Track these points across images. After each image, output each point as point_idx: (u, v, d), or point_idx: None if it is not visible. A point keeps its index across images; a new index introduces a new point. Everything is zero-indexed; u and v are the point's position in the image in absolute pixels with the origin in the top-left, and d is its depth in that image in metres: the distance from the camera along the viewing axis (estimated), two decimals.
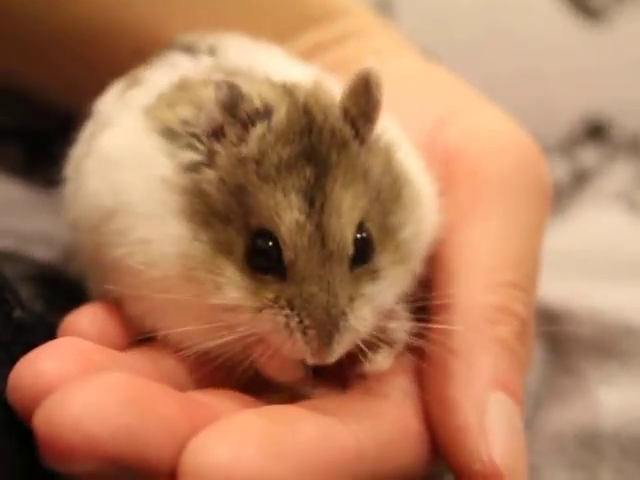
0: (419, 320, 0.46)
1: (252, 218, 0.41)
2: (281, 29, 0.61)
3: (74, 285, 0.48)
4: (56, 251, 0.55)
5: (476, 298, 0.45)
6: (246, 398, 0.43)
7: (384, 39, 0.63)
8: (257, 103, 0.42)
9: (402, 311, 0.47)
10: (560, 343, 0.58)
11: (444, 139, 0.51)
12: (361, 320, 0.42)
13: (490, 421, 0.42)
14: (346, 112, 0.43)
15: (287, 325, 0.41)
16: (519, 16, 0.82)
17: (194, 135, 0.43)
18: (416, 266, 0.46)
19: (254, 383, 0.45)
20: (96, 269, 0.45)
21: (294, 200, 0.41)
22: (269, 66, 0.48)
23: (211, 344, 0.42)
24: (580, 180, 0.79)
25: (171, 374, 0.43)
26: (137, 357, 0.43)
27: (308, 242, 0.41)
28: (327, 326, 0.40)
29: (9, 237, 0.57)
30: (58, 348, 0.39)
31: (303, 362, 0.43)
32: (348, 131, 0.43)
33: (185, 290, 0.42)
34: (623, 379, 0.55)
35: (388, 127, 0.46)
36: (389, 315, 0.45)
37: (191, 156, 0.43)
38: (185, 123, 0.43)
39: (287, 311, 0.41)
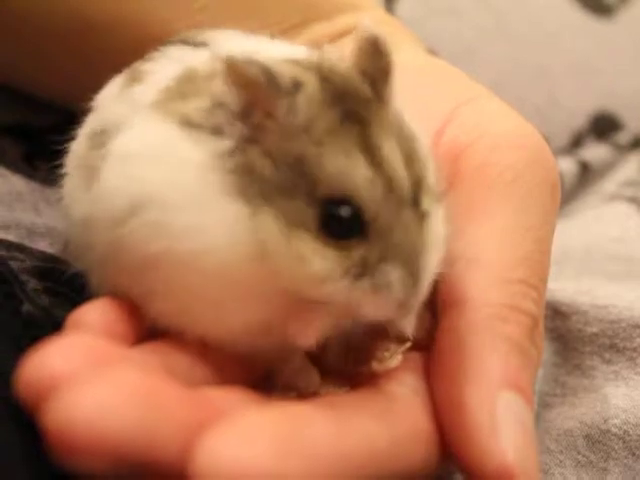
0: (428, 317, 0.46)
1: (319, 187, 0.40)
2: (288, 22, 0.61)
3: (78, 279, 0.48)
4: (60, 244, 0.55)
5: (486, 295, 0.45)
6: (256, 395, 0.43)
7: (392, 33, 0.63)
8: (287, 76, 0.41)
9: None
10: (568, 341, 0.58)
11: (452, 134, 0.51)
12: (435, 258, 0.42)
13: (501, 420, 0.42)
14: (364, 74, 0.43)
15: (387, 282, 0.41)
16: (525, 11, 0.81)
17: (220, 124, 0.42)
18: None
19: (264, 380, 0.45)
20: (113, 269, 0.44)
21: (358, 158, 0.41)
22: (264, 49, 0.47)
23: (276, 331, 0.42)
24: (587, 177, 0.79)
25: (181, 370, 0.42)
26: (146, 353, 0.42)
27: (382, 194, 0.41)
28: (418, 271, 0.41)
29: (14, 230, 0.56)
30: (67, 343, 0.39)
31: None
32: (370, 92, 0.42)
33: (256, 270, 0.41)
34: (632, 377, 0.55)
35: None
36: None
37: (226, 142, 0.41)
38: (204, 113, 0.42)
39: (384, 267, 0.41)
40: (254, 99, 0.41)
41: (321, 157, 0.40)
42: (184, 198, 0.41)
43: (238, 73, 0.41)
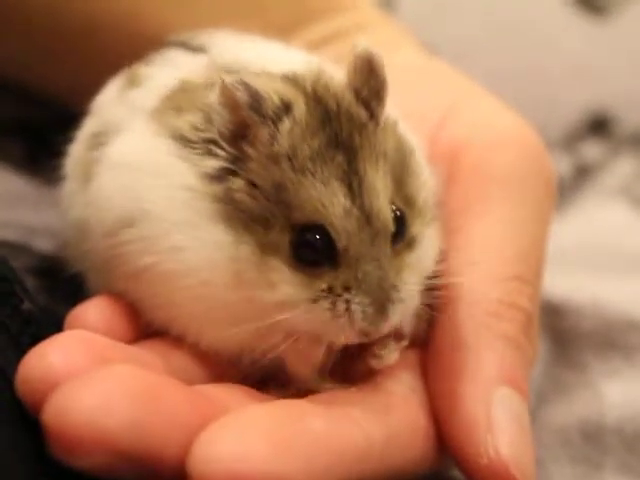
0: (425, 313, 0.47)
1: (295, 213, 0.41)
2: (285, 23, 0.61)
3: (77, 278, 0.48)
4: (60, 243, 0.55)
5: (482, 292, 0.45)
6: (254, 392, 0.43)
7: (387, 33, 0.63)
8: (276, 99, 0.42)
9: None
10: (564, 337, 0.58)
11: (448, 133, 0.51)
12: (410, 289, 0.42)
13: (497, 416, 0.42)
14: (357, 94, 0.43)
15: (347, 308, 0.41)
16: (522, 10, 0.82)
17: (210, 141, 0.43)
18: (437, 222, 0.46)
19: (262, 378, 0.45)
20: (110, 273, 0.45)
21: (336, 187, 0.41)
22: (260, 56, 0.47)
23: (262, 346, 0.42)
24: (583, 175, 0.80)
25: (180, 368, 0.43)
26: (145, 351, 0.43)
27: (357, 225, 0.41)
28: (383, 301, 0.41)
29: (14, 229, 0.56)
30: (67, 340, 0.39)
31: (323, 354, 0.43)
32: (363, 113, 0.43)
33: (231, 294, 0.42)
34: (627, 373, 0.55)
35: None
36: None
37: (213, 164, 0.42)
38: (196, 129, 0.43)
39: (346, 296, 0.41)
40: (241, 123, 0.42)
41: (300, 184, 0.41)
42: (173, 219, 0.42)
43: (228, 95, 0.41)
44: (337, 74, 0.45)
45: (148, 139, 0.44)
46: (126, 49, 0.52)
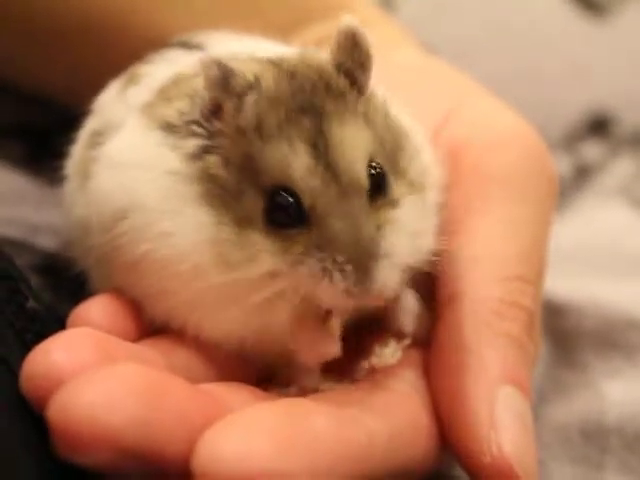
0: (427, 313, 0.47)
1: (263, 178, 0.41)
2: (284, 23, 0.61)
3: (80, 275, 0.48)
4: (62, 241, 0.55)
5: (484, 291, 0.45)
6: (258, 391, 0.43)
7: (386, 32, 0.63)
8: (248, 75, 0.42)
9: (411, 300, 0.47)
10: (564, 337, 0.59)
11: (449, 133, 0.51)
12: (395, 245, 0.41)
13: (499, 415, 0.42)
14: (339, 66, 0.43)
15: (324, 269, 0.40)
16: (521, 10, 0.82)
17: (192, 122, 0.43)
18: (432, 198, 0.46)
19: (266, 376, 0.45)
20: (110, 269, 0.45)
21: (300, 147, 0.41)
22: (255, 51, 0.47)
23: (253, 326, 0.42)
24: (582, 175, 0.80)
25: (183, 366, 0.43)
26: (149, 348, 0.43)
27: (322, 181, 0.41)
28: (361, 257, 0.40)
29: (17, 226, 0.56)
30: (71, 338, 0.39)
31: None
32: (343, 82, 0.43)
33: (219, 276, 0.41)
34: (627, 373, 0.55)
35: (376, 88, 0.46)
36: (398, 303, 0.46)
37: (193, 143, 0.43)
38: (182, 114, 0.44)
39: (319, 255, 0.40)
40: (215, 100, 0.42)
41: (266, 150, 0.41)
42: (161, 206, 0.43)
43: (205, 75, 0.42)
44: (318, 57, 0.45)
45: (139, 134, 0.45)
46: (123, 48, 0.52)
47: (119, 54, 0.51)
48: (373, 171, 0.42)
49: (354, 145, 0.42)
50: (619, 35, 0.82)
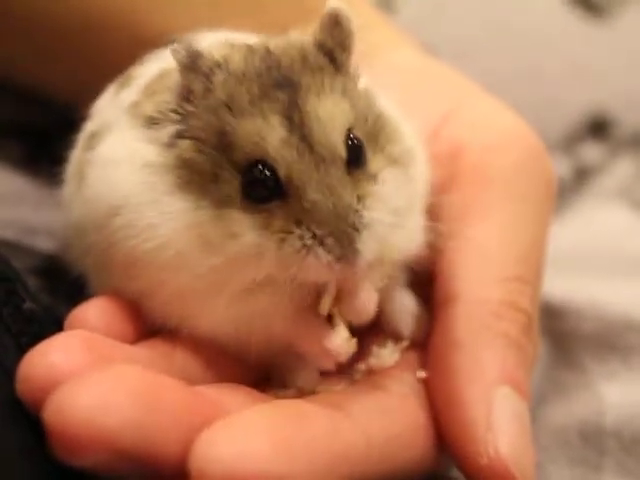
0: (425, 314, 0.47)
1: (238, 155, 0.41)
2: (283, 22, 0.61)
3: (77, 277, 0.48)
4: (61, 244, 0.55)
5: (482, 292, 0.45)
6: (255, 393, 0.43)
7: (385, 33, 0.63)
8: (214, 57, 0.42)
9: (409, 301, 0.47)
10: (563, 339, 0.58)
11: (448, 134, 0.51)
12: (377, 217, 0.41)
13: (497, 416, 0.42)
14: (320, 44, 0.44)
15: (304, 245, 0.40)
16: (520, 11, 0.82)
17: (169, 111, 0.43)
18: (416, 175, 0.45)
19: (263, 378, 0.45)
20: (106, 269, 0.45)
21: (274, 120, 0.41)
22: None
23: (243, 314, 0.42)
24: (582, 177, 0.80)
25: (180, 368, 0.43)
26: (147, 350, 0.43)
27: (297, 153, 0.40)
28: (342, 228, 0.40)
29: (13, 228, 0.56)
30: (68, 340, 0.39)
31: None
32: (322, 59, 0.43)
33: (204, 257, 0.41)
34: (625, 375, 0.55)
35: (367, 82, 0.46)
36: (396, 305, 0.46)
37: (167, 130, 0.43)
38: (161, 106, 0.44)
39: (298, 232, 0.40)
40: (185, 84, 0.42)
41: (238, 125, 0.41)
42: (144, 199, 0.43)
43: (175, 59, 0.42)
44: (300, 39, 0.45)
45: (125, 132, 0.45)
46: (124, 48, 0.52)
47: (119, 54, 0.51)
48: (350, 142, 0.42)
49: (331, 117, 0.41)
50: (619, 36, 0.82)
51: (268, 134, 0.40)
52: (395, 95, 0.48)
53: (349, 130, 0.42)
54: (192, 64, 0.42)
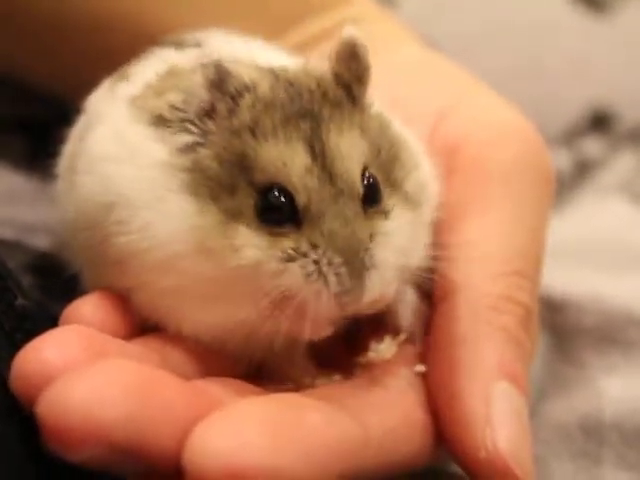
0: (424, 308, 0.47)
1: (257, 176, 0.41)
2: (285, 17, 0.61)
3: (72, 275, 0.48)
4: (56, 241, 0.55)
5: (481, 287, 0.45)
6: (251, 387, 0.43)
7: (386, 28, 0.63)
8: (245, 79, 0.42)
9: (408, 295, 0.47)
10: (563, 333, 0.58)
11: (447, 129, 0.51)
12: (386, 258, 0.41)
13: (495, 410, 0.42)
14: (338, 77, 0.44)
15: (320, 271, 0.40)
16: (521, 7, 0.82)
17: (186, 120, 0.43)
18: (426, 215, 0.46)
19: (259, 373, 0.45)
20: (97, 265, 0.45)
21: (298, 147, 0.41)
22: (255, 56, 0.48)
23: (234, 318, 0.42)
24: (582, 171, 0.80)
25: (175, 364, 0.42)
26: (141, 346, 0.42)
27: (318, 182, 0.41)
28: (355, 261, 0.40)
29: (10, 226, 0.56)
30: (62, 335, 0.39)
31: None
32: (341, 93, 0.43)
33: (199, 264, 0.41)
34: (626, 369, 0.55)
35: (377, 104, 0.46)
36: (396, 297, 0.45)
37: (184, 139, 0.43)
38: (175, 108, 0.43)
39: (314, 256, 0.40)
40: (211, 101, 0.42)
41: (262, 149, 0.41)
42: (143, 197, 0.42)
43: (204, 75, 0.42)
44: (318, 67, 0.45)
45: (124, 125, 0.44)
46: (129, 48, 0.52)
47: (125, 54, 0.51)
48: (366, 181, 0.42)
49: (350, 152, 0.42)
50: (619, 31, 0.82)
51: (291, 160, 0.41)
52: (396, 90, 0.47)
53: (365, 168, 0.42)
54: (220, 83, 0.42)
